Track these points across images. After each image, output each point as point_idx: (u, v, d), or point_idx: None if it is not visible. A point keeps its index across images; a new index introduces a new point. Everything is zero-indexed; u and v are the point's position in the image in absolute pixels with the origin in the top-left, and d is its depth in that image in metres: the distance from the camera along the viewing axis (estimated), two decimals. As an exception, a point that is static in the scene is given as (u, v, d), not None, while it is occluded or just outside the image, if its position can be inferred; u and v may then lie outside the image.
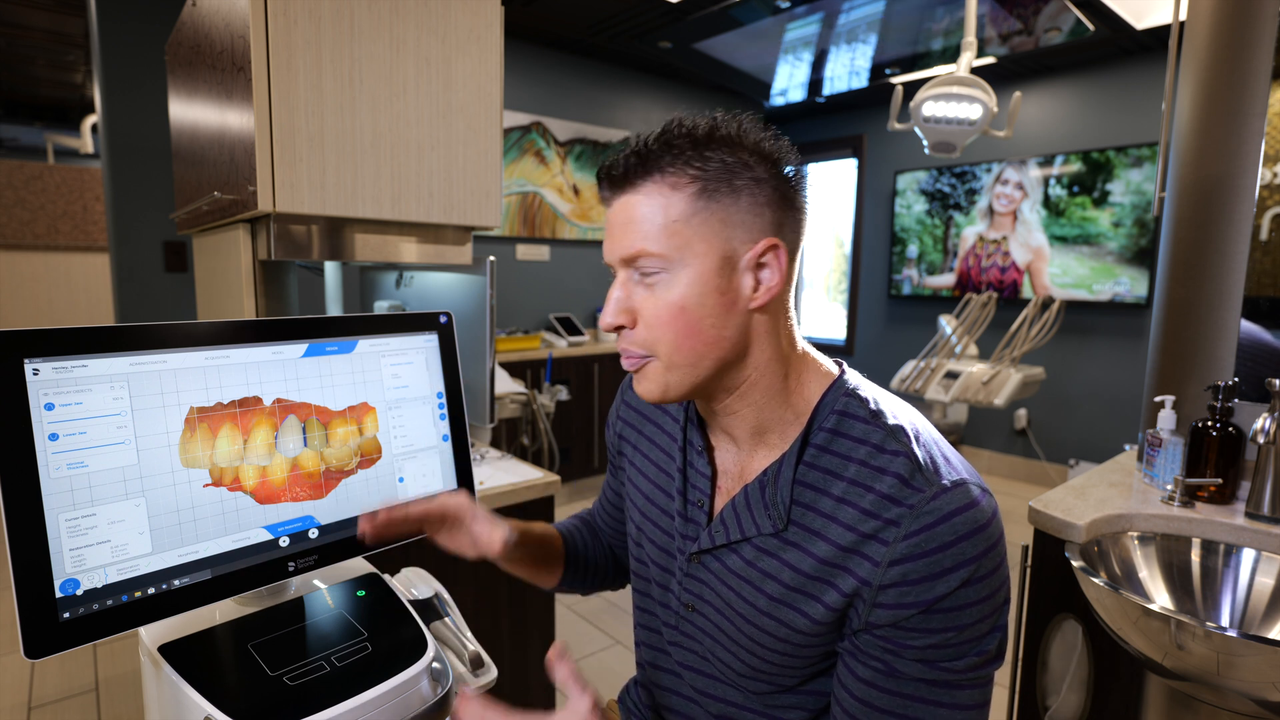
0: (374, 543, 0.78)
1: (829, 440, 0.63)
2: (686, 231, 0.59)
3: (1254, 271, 1.34)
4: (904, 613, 0.57)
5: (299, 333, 0.81)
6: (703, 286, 0.60)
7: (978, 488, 0.59)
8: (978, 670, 0.59)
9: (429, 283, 1.61)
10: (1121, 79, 3.70)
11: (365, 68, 1.22)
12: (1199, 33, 1.37)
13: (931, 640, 0.57)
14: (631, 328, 0.63)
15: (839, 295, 5.35)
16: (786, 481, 0.63)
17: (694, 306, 0.60)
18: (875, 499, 0.59)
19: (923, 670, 0.58)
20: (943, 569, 0.56)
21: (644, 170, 0.60)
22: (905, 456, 0.59)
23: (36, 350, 0.64)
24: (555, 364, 3.54)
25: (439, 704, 0.73)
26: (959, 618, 0.57)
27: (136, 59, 2.57)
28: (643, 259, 0.60)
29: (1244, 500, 1.26)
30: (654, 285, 0.61)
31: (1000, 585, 0.59)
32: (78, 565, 0.64)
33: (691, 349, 0.61)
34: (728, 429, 0.69)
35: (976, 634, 0.58)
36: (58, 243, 4.84)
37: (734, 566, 0.66)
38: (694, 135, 0.60)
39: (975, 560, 0.56)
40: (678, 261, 0.60)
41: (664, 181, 0.60)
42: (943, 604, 0.56)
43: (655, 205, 0.60)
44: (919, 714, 0.58)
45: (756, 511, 0.64)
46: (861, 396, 0.65)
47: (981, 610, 0.57)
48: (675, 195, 0.59)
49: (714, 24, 3.40)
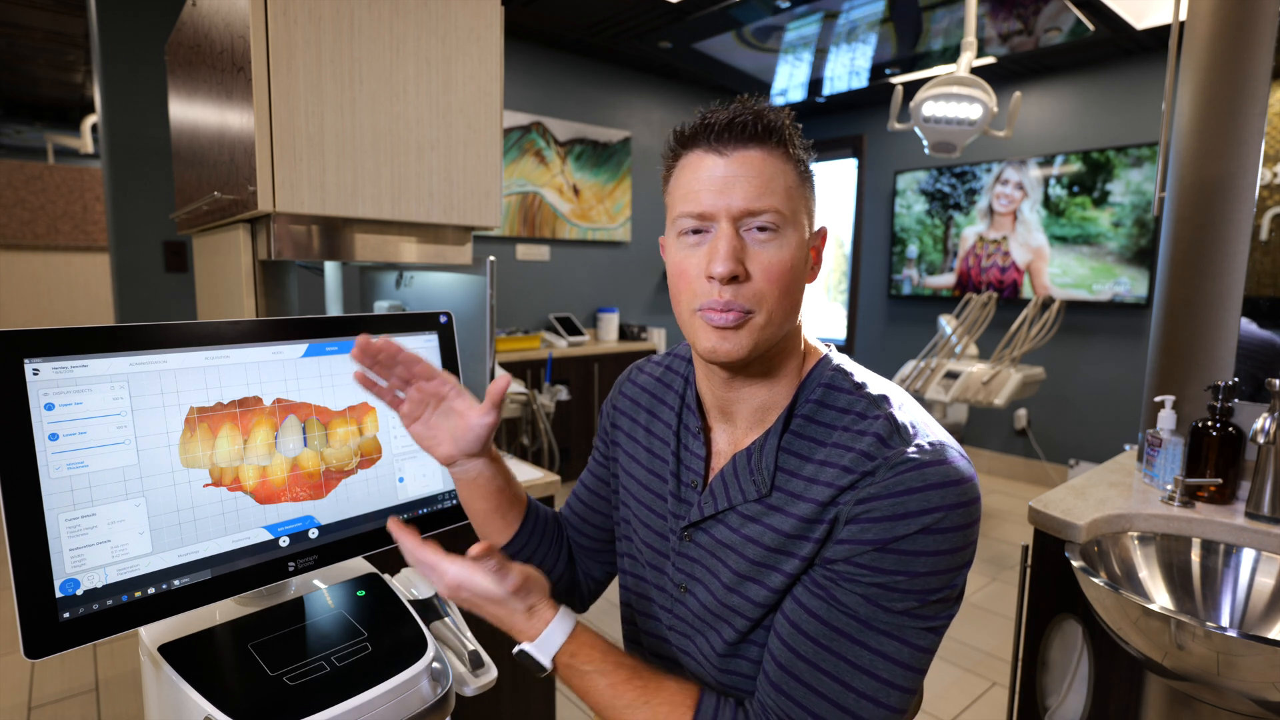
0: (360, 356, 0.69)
1: (815, 411, 0.66)
2: (798, 199, 0.65)
3: (1254, 271, 1.34)
4: (859, 548, 0.58)
5: (299, 333, 0.81)
6: (802, 251, 0.65)
7: (956, 453, 0.61)
8: (914, 620, 0.59)
9: (429, 283, 1.61)
10: (1121, 79, 3.70)
11: (365, 68, 1.22)
12: (1199, 33, 1.37)
13: (878, 580, 0.58)
14: (744, 281, 0.63)
15: (839, 295, 5.35)
16: (771, 449, 0.66)
17: (798, 267, 0.65)
18: (855, 456, 0.61)
19: (860, 605, 0.59)
20: (905, 511, 0.57)
21: (770, 136, 0.63)
22: (885, 419, 0.62)
23: (36, 350, 0.64)
24: (555, 364, 3.54)
25: (439, 704, 0.73)
26: (911, 563, 0.58)
27: (136, 59, 2.57)
28: (769, 214, 0.62)
29: (1244, 500, 1.26)
30: (770, 242, 0.63)
31: (961, 547, 0.59)
32: (78, 565, 0.64)
33: (787, 308, 0.65)
34: (731, 409, 0.71)
35: (924, 586, 0.58)
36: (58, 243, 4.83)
37: (721, 536, 0.68)
38: (795, 124, 0.65)
39: (940, 510, 0.58)
40: (790, 224, 0.63)
41: (782, 151, 0.64)
42: (899, 545, 0.58)
43: (779, 168, 0.63)
44: (844, 650, 0.59)
45: (743, 479, 0.67)
46: (846, 371, 0.68)
47: (935, 563, 0.58)
48: (788, 165, 0.64)
49: (714, 24, 3.40)
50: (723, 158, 0.63)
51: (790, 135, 0.64)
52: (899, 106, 2.52)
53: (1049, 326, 3.27)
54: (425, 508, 0.90)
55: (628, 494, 0.81)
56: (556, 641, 0.63)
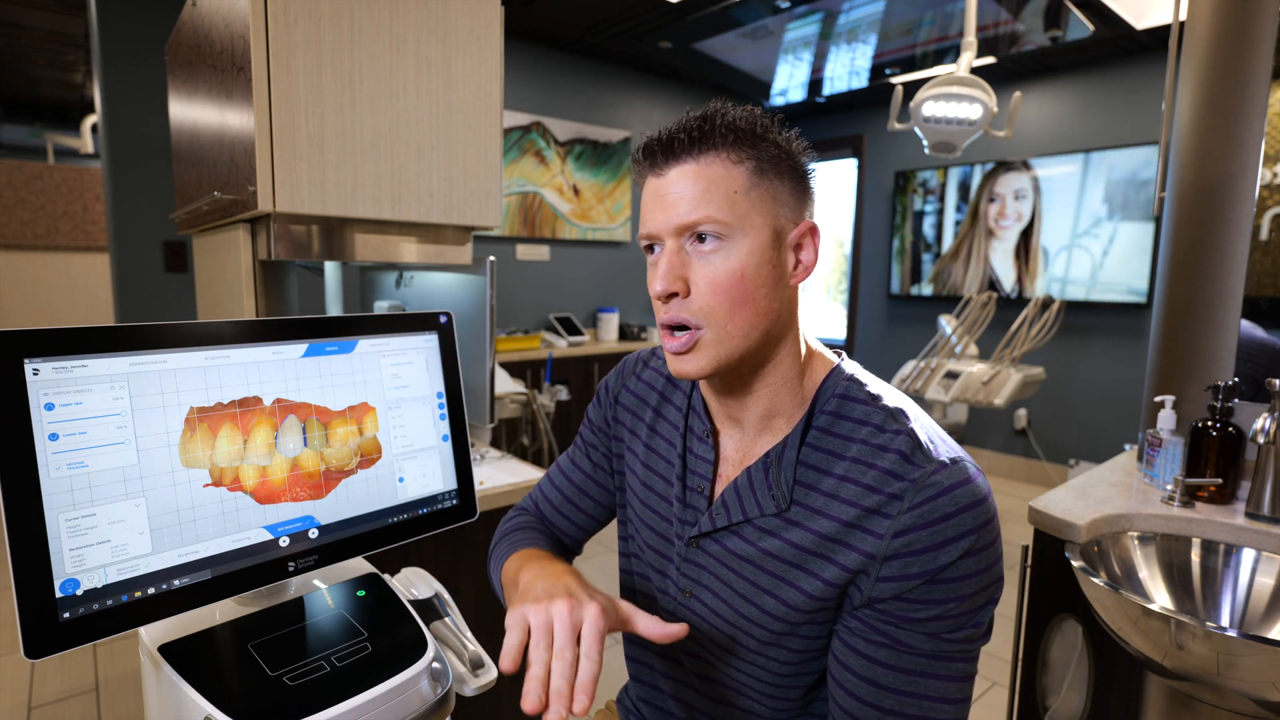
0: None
1: (831, 422, 0.65)
2: (746, 203, 0.62)
3: (1254, 271, 1.34)
4: (908, 583, 0.59)
5: (299, 333, 0.81)
6: (760, 256, 0.62)
7: (973, 466, 0.62)
8: (974, 643, 0.61)
9: (429, 283, 1.61)
10: (1121, 79, 3.70)
11: (365, 68, 1.22)
12: (1199, 33, 1.37)
13: (934, 611, 0.59)
14: (684, 296, 0.63)
15: (839, 295, 5.35)
16: (790, 462, 0.65)
17: (751, 275, 0.62)
18: (878, 474, 0.61)
19: (925, 642, 0.60)
20: (945, 539, 0.58)
21: (706, 143, 0.62)
22: (906, 435, 0.61)
23: (36, 350, 0.64)
24: (555, 364, 3.54)
25: (439, 704, 0.73)
26: (960, 588, 0.59)
27: (136, 59, 2.57)
28: (707, 224, 0.61)
29: (1244, 500, 1.26)
30: (711, 254, 0.62)
31: (996, 559, 0.61)
32: (78, 565, 0.64)
33: (745, 318, 0.62)
34: (736, 415, 0.70)
35: (974, 605, 0.60)
36: (58, 243, 4.83)
37: (735, 548, 0.67)
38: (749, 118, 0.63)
39: (975, 531, 0.58)
40: (738, 230, 0.62)
41: (725, 155, 0.62)
42: (946, 574, 0.58)
43: (718, 176, 0.62)
44: (922, 688, 0.60)
45: (760, 492, 0.66)
46: (860, 381, 0.68)
47: (980, 582, 0.59)
48: (736, 169, 0.62)
49: (714, 24, 3.40)
50: (661, 177, 0.64)
51: (742, 135, 0.62)
52: (899, 106, 2.52)
53: (1049, 326, 3.27)
54: (425, 508, 0.90)
55: (630, 491, 0.81)
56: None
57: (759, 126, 0.63)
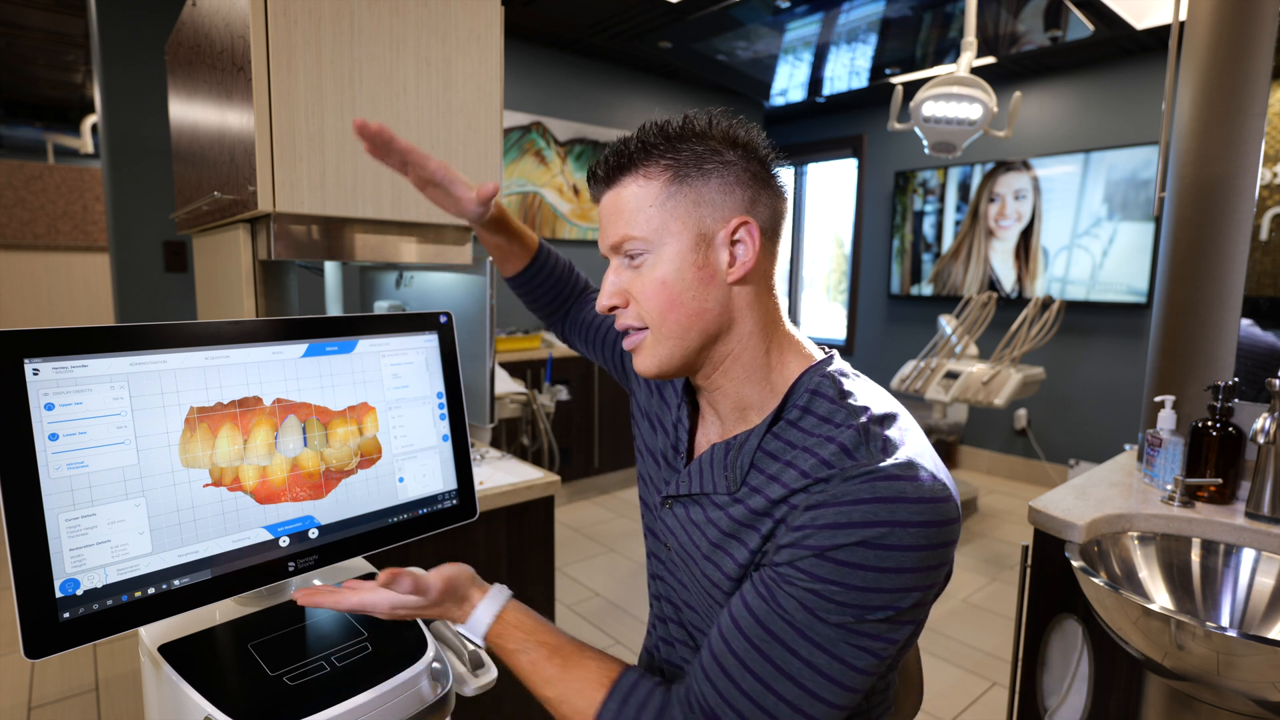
0: (369, 138, 0.78)
1: (799, 417, 0.66)
2: (662, 214, 0.66)
3: (1254, 271, 1.34)
4: (800, 552, 0.58)
5: (299, 333, 0.81)
6: (680, 262, 0.66)
7: (929, 474, 0.58)
8: (849, 636, 0.57)
9: (429, 283, 1.60)
10: (1121, 79, 3.70)
11: (365, 68, 1.22)
12: (1199, 33, 1.37)
13: (814, 586, 0.57)
14: (624, 307, 0.69)
15: (839, 295, 5.35)
16: (749, 450, 0.67)
17: (674, 281, 0.66)
18: (815, 463, 0.61)
19: (796, 610, 0.58)
20: (848, 521, 0.56)
21: (622, 167, 0.68)
22: (855, 430, 0.61)
23: (36, 350, 0.64)
24: (555, 364, 3.54)
25: (439, 704, 0.73)
26: (848, 575, 0.56)
27: (136, 59, 2.57)
28: (628, 243, 0.67)
29: (1244, 500, 1.26)
30: (640, 266, 0.67)
31: (910, 568, 0.56)
32: (78, 565, 0.64)
33: (677, 320, 0.66)
34: (713, 404, 0.74)
35: (861, 601, 0.56)
36: (58, 243, 4.83)
37: (694, 515, 0.71)
38: (666, 131, 0.67)
39: (884, 525, 0.56)
40: (657, 242, 0.66)
41: (640, 174, 0.67)
42: (836, 554, 0.56)
43: (634, 195, 0.67)
44: (772, 652, 0.58)
45: (717, 472, 0.69)
46: (835, 379, 0.67)
47: (876, 579, 0.56)
48: (650, 184, 0.66)
49: (714, 24, 3.40)
50: (599, 203, 0.71)
51: (653, 147, 0.66)
52: (899, 106, 2.52)
53: (1049, 326, 3.27)
54: (425, 508, 0.90)
55: (638, 435, 0.87)
56: (484, 622, 0.69)
57: (672, 130, 0.66)
